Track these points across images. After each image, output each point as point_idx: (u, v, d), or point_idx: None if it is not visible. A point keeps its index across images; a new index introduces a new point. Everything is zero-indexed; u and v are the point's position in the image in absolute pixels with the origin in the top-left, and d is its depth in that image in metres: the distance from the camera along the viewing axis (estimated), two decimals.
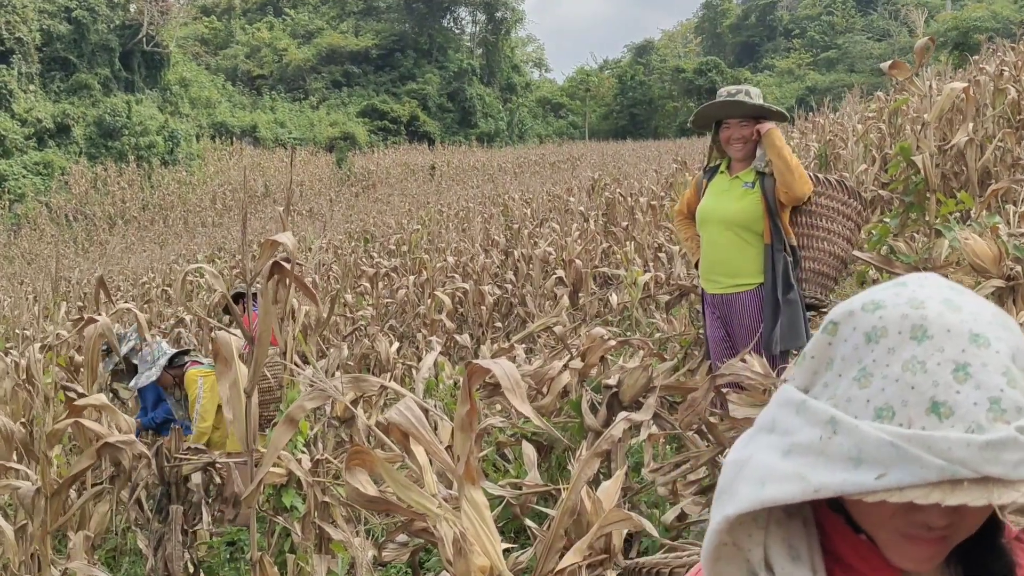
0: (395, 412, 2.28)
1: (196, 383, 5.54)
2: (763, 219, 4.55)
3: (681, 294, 6.24)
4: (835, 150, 12.32)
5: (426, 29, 60.82)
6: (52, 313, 6.27)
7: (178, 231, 34.87)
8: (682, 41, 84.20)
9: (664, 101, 60.09)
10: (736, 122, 4.56)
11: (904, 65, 4.70)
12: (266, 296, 3.10)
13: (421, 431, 2.23)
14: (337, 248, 17.50)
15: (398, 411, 2.28)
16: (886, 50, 54.67)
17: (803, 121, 20.56)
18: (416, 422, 2.25)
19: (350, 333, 8.87)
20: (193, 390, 5.55)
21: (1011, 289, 4.33)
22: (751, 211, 4.55)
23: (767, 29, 72.60)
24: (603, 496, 2.96)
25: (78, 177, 39.42)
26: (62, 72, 43.20)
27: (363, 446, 2.22)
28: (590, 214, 13.92)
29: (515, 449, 4.96)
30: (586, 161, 35.98)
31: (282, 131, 50.86)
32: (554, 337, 7.44)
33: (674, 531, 3.85)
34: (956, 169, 9.20)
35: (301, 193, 37.87)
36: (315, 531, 3.84)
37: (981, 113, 9.83)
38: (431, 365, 5.24)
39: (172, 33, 48.85)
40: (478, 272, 11.69)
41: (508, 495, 4.12)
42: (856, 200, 4.52)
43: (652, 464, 4.02)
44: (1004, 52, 13.06)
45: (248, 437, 3.04)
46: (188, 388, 5.61)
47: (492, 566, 2.24)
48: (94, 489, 4.16)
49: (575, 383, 4.98)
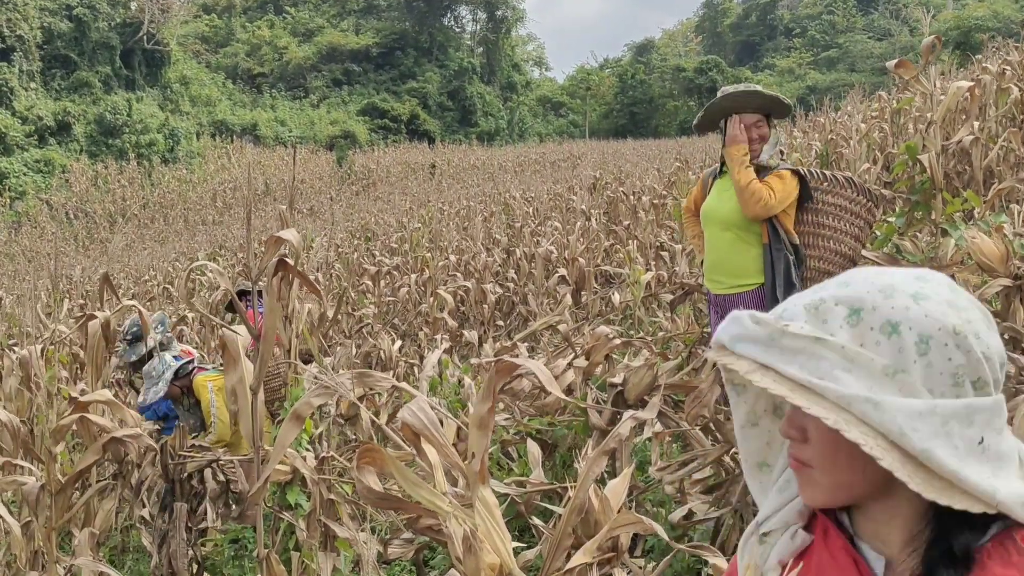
0: (407, 413, 2.27)
1: (207, 388, 5.51)
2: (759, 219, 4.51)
3: (685, 293, 6.22)
4: (837, 149, 12.31)
5: (426, 27, 60.80)
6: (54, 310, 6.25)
7: (178, 229, 34.85)
8: (682, 40, 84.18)
9: (664, 100, 60.07)
10: (752, 122, 4.53)
11: (910, 64, 4.68)
12: (271, 293, 3.09)
13: (433, 433, 2.23)
14: (339, 246, 17.49)
15: (411, 412, 2.27)
16: (887, 49, 54.69)
17: (804, 120, 20.55)
18: (428, 423, 2.24)
19: (357, 331, 8.86)
20: (205, 396, 5.52)
21: (1018, 288, 4.32)
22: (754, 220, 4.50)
23: (768, 28, 72.60)
24: (610, 495, 2.96)
25: (79, 175, 39.41)
26: (63, 70, 43.20)
27: (374, 444, 2.21)
28: (592, 212, 13.90)
29: (519, 447, 4.96)
30: (587, 160, 35.96)
31: (282, 129, 50.83)
32: (557, 336, 7.43)
33: (680, 530, 3.84)
34: (959, 168, 9.20)
35: (302, 192, 37.85)
36: (320, 528, 3.83)
37: (984, 112, 9.83)
38: (435, 363, 5.23)
39: (173, 31, 48.86)
40: (480, 271, 11.68)
41: (513, 493, 4.11)
42: (865, 197, 4.46)
43: (659, 463, 4.01)
44: (1007, 51, 13.05)
45: (254, 434, 3.03)
46: (199, 394, 5.58)
47: (502, 564, 2.24)
48: (98, 485, 4.16)
49: (579, 381, 4.98)
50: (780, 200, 4.39)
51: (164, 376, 5.57)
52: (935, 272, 1.03)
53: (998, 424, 0.97)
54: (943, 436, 0.94)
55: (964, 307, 0.98)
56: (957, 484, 0.94)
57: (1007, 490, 0.94)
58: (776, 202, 4.39)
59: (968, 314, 0.98)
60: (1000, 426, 0.97)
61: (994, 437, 0.97)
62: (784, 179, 4.44)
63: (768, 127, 4.54)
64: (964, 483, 0.93)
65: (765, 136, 4.52)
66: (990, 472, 0.95)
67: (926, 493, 0.94)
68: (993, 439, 0.96)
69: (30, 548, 3.93)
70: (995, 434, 0.97)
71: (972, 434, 0.95)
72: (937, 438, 0.94)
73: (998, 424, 0.97)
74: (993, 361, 0.98)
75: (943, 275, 1.03)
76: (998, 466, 0.96)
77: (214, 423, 5.45)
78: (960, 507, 0.95)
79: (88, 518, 4.42)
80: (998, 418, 0.97)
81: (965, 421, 0.95)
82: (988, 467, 0.95)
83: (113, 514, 4.52)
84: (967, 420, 0.95)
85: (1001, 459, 0.97)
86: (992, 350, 0.98)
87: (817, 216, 4.52)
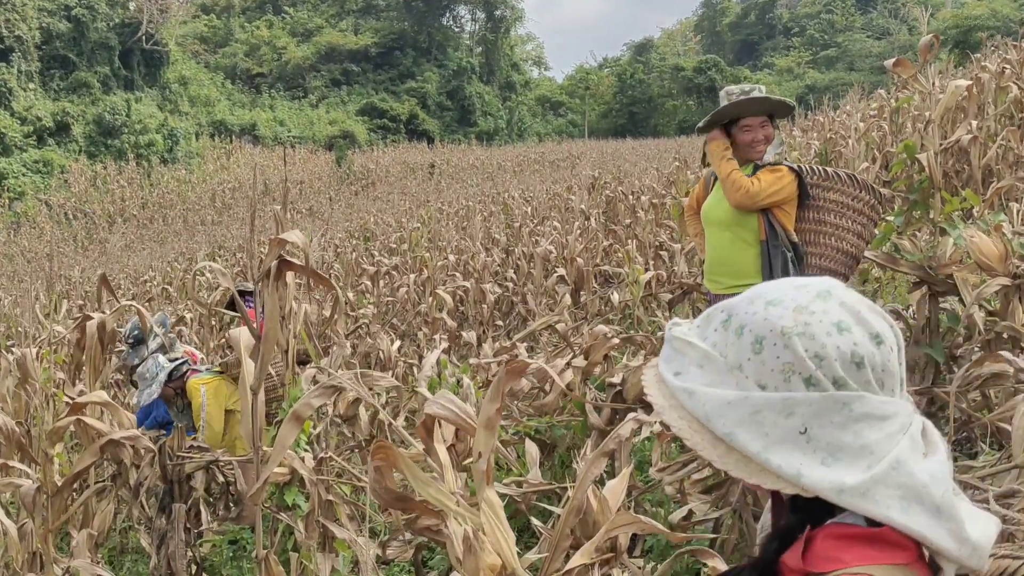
0: (435, 405, 2.28)
1: (199, 392, 5.50)
2: (756, 217, 4.48)
3: (684, 292, 6.22)
4: (836, 148, 12.31)
5: (425, 27, 60.81)
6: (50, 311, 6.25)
7: (177, 229, 34.83)
8: (681, 39, 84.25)
9: (663, 99, 60.10)
10: (758, 123, 4.47)
11: (908, 63, 4.67)
12: (273, 294, 3.08)
13: (468, 420, 2.24)
14: (338, 246, 17.49)
15: (439, 404, 2.28)
16: (885, 48, 54.73)
17: (804, 119, 20.56)
18: (460, 412, 2.25)
19: (352, 331, 8.85)
20: (196, 399, 5.51)
21: (1016, 287, 4.32)
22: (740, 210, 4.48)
23: (766, 27, 72.66)
24: (609, 495, 2.95)
25: (77, 175, 39.42)
26: (62, 70, 43.19)
27: (387, 442, 2.20)
28: (591, 212, 13.90)
29: (518, 447, 4.95)
30: (586, 159, 35.99)
31: (281, 129, 50.84)
32: (556, 335, 7.42)
33: (680, 531, 3.84)
34: (958, 167, 9.20)
35: (300, 192, 37.87)
36: (319, 529, 3.82)
37: (983, 111, 9.83)
38: (434, 363, 5.22)
39: (171, 31, 48.83)
40: (479, 270, 11.67)
41: (512, 493, 4.11)
42: (869, 194, 4.43)
43: (659, 463, 4.00)
44: (1006, 50, 13.06)
45: (254, 435, 3.03)
46: (191, 397, 5.57)
47: (504, 564, 2.23)
48: (95, 487, 4.15)
49: (578, 381, 4.97)
50: (765, 189, 4.36)
51: (158, 378, 5.56)
52: (839, 287, 1.12)
53: (834, 419, 1.04)
54: (750, 423, 1.05)
55: (816, 313, 1.07)
56: (765, 467, 1.04)
57: (817, 475, 1.02)
58: (760, 190, 4.36)
59: (809, 318, 1.06)
60: (840, 421, 1.04)
61: (828, 430, 1.04)
62: (776, 173, 4.41)
63: (772, 127, 4.53)
64: (768, 465, 1.04)
65: (770, 136, 4.50)
66: (817, 461, 1.03)
67: (737, 473, 1.07)
68: (825, 432, 1.04)
69: (27, 550, 3.92)
70: (832, 428, 1.04)
71: (792, 424, 1.04)
72: (743, 425, 1.05)
73: (834, 419, 1.04)
74: (829, 361, 1.04)
75: (847, 292, 1.11)
76: (832, 457, 1.04)
77: (203, 427, 5.44)
78: (772, 487, 1.05)
79: (86, 519, 4.41)
80: (833, 413, 1.04)
81: (783, 412, 1.04)
82: (814, 456, 1.04)
83: (111, 515, 4.51)
84: (785, 411, 1.04)
85: (838, 450, 1.04)
86: (828, 351, 1.04)
87: (819, 213, 4.49)
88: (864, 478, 1.02)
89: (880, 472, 1.02)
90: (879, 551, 1.04)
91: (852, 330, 1.06)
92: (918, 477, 1.02)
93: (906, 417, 1.06)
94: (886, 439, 1.04)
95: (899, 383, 1.08)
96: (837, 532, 1.07)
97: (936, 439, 1.09)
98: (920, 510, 1.02)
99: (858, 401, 1.04)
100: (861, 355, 1.04)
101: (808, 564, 1.08)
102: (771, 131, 4.50)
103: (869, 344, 1.05)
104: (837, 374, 1.04)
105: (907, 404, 1.08)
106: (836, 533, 1.07)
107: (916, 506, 1.02)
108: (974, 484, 3.04)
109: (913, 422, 1.07)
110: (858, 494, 1.02)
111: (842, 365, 1.04)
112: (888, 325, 1.09)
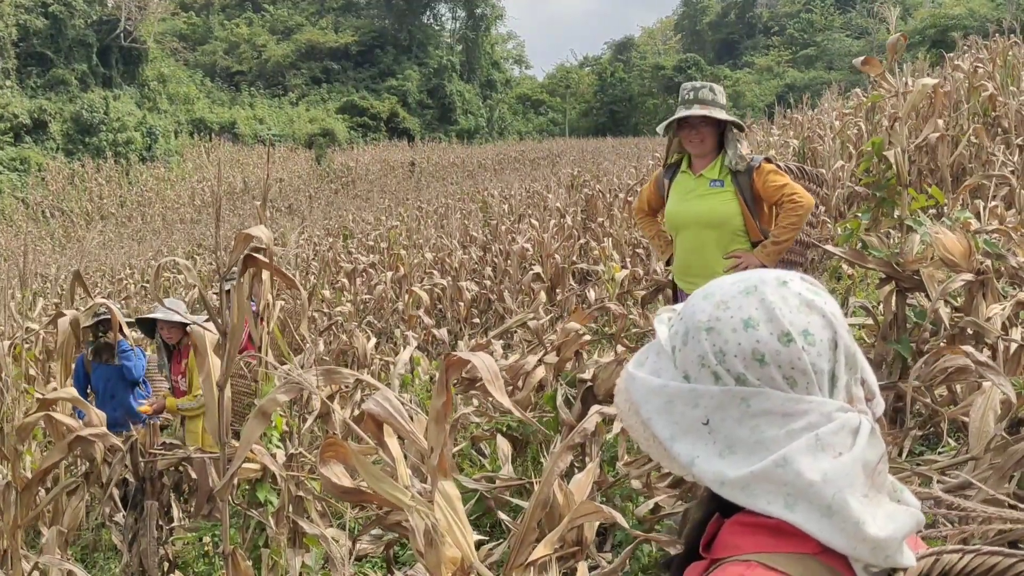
0: (372, 403, 2.27)
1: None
2: (740, 217, 4.47)
3: (656, 289, 6.25)
4: (812, 146, 12.38)
5: (406, 25, 60.74)
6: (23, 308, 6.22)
7: (156, 228, 34.68)
8: (662, 38, 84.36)
9: (644, 98, 60.25)
10: (697, 119, 4.46)
11: (876, 61, 4.71)
12: (240, 290, 3.08)
13: (399, 420, 2.24)
14: (316, 244, 17.45)
15: (375, 401, 2.27)
16: (864, 47, 54.93)
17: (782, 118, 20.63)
18: (394, 411, 2.25)
19: (326, 328, 8.85)
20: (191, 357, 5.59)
21: (981, 283, 4.37)
22: (722, 210, 4.46)
23: (746, 26, 72.87)
24: (575, 489, 2.97)
25: (55, 173, 39.17)
26: (39, 67, 42.86)
27: (336, 438, 2.22)
28: (568, 210, 13.92)
29: (490, 443, 4.98)
30: (566, 158, 36.00)
31: (261, 127, 50.67)
32: (530, 332, 7.45)
33: (648, 524, 3.87)
34: (932, 166, 9.28)
35: (280, 190, 37.73)
36: (289, 525, 3.83)
37: (956, 109, 9.91)
38: (407, 360, 5.24)
39: (150, 29, 48.52)
40: (456, 268, 11.68)
41: (482, 488, 4.13)
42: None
43: (626, 457, 4.03)
44: (978, 50, 13.16)
45: (221, 430, 3.03)
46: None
47: (464, 557, 2.25)
48: (65, 483, 4.14)
49: (550, 378, 5.00)
50: (801, 190, 4.40)
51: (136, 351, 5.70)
52: (795, 277, 1.13)
53: (733, 413, 1.06)
54: (665, 411, 1.10)
55: (731, 308, 1.09)
56: (669, 454, 1.09)
57: (707, 466, 1.06)
58: (801, 192, 4.38)
59: (722, 314, 1.09)
60: (737, 416, 1.06)
61: (728, 424, 1.07)
62: (778, 173, 4.44)
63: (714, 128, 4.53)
64: (670, 452, 1.09)
65: (704, 136, 4.49)
66: (715, 453, 1.06)
67: (656, 458, 1.13)
68: (725, 425, 1.07)
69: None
70: (732, 422, 1.06)
71: (696, 415, 1.08)
72: (660, 412, 1.10)
73: (733, 413, 1.06)
74: (730, 357, 1.07)
75: (784, 288, 1.10)
76: (729, 449, 1.06)
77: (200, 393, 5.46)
78: (678, 474, 1.10)
79: (56, 516, 4.40)
80: (732, 408, 1.06)
81: (690, 403, 1.08)
82: (713, 448, 1.07)
83: (82, 512, 4.50)
84: (691, 402, 1.08)
85: (735, 444, 1.06)
86: (730, 346, 1.07)
87: None
88: (744, 473, 1.03)
89: (761, 469, 1.03)
90: (779, 540, 1.04)
91: (759, 327, 1.06)
92: (805, 476, 1.01)
93: (819, 416, 1.04)
94: (785, 436, 1.04)
95: (828, 381, 1.06)
96: (742, 520, 1.08)
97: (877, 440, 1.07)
98: (807, 507, 1.02)
99: (757, 397, 1.05)
100: (763, 352, 1.05)
101: (712, 552, 1.12)
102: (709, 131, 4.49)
103: (774, 342, 1.05)
104: (738, 370, 1.06)
105: (834, 403, 1.05)
106: (741, 521, 1.08)
107: (803, 504, 1.02)
108: (929, 475, 3.09)
109: (837, 420, 1.04)
110: (738, 487, 1.04)
111: (743, 361, 1.06)
112: (824, 325, 1.07)
